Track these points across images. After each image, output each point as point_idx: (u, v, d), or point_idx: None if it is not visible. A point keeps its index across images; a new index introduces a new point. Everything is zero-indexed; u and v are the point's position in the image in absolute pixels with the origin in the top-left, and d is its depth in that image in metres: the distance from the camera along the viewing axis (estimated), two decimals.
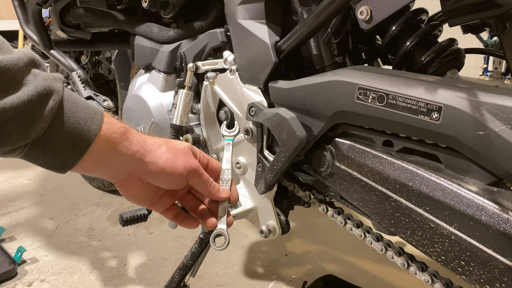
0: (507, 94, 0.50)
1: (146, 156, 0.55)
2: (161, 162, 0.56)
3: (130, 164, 0.55)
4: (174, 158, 0.58)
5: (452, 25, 0.66)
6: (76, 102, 0.49)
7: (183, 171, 0.58)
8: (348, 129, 0.67)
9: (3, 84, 0.42)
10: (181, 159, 0.58)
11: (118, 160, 0.54)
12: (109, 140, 0.52)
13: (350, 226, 0.72)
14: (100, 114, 0.51)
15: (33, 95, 0.44)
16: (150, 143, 0.57)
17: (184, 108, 0.89)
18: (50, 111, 0.45)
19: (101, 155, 0.51)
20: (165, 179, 0.58)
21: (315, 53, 0.78)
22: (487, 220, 0.50)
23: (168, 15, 0.98)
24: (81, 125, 0.49)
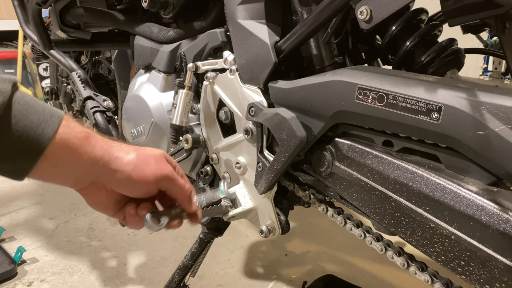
0: (507, 94, 0.50)
1: (112, 163, 0.52)
2: (128, 169, 0.53)
3: (93, 171, 0.52)
4: (143, 165, 0.54)
5: (452, 25, 0.66)
6: (29, 105, 0.46)
7: (152, 178, 0.55)
8: (348, 129, 0.67)
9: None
10: (152, 166, 0.55)
11: (79, 166, 0.50)
12: (67, 144, 0.48)
13: (350, 226, 0.72)
14: (58, 117, 0.48)
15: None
16: (116, 149, 0.54)
17: (184, 108, 0.89)
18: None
19: (59, 161, 0.49)
20: (133, 187, 0.55)
21: (315, 53, 0.78)
22: (487, 220, 0.50)
23: (168, 15, 0.98)
24: (33, 129, 0.46)
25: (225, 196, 0.85)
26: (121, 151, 0.54)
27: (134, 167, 0.53)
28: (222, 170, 0.91)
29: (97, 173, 0.52)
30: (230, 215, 0.85)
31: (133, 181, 0.54)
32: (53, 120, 0.48)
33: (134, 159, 0.54)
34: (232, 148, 0.86)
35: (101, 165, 0.52)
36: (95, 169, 0.52)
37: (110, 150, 0.53)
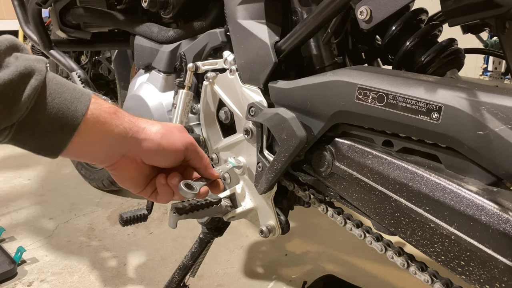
0: (507, 94, 0.50)
1: (141, 133, 0.55)
2: (157, 138, 0.55)
3: (123, 143, 0.54)
4: (170, 134, 0.57)
5: (452, 25, 0.66)
6: (61, 84, 0.49)
7: (181, 146, 0.57)
8: (348, 129, 0.67)
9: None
10: (177, 134, 0.58)
11: (110, 139, 0.52)
12: (98, 119, 0.50)
13: (350, 226, 0.72)
14: (87, 95, 0.50)
15: (15, 75, 0.43)
16: (142, 122, 0.56)
17: (184, 108, 0.89)
18: (33, 90, 0.45)
19: (91, 135, 0.50)
20: (163, 155, 0.57)
21: (315, 53, 0.78)
22: (487, 220, 0.50)
23: (168, 15, 0.98)
24: (67, 106, 0.48)
25: (236, 165, 0.84)
26: (147, 123, 0.56)
27: (162, 136, 0.56)
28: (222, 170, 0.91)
29: (127, 144, 0.54)
30: (230, 215, 0.85)
31: (163, 148, 0.56)
32: (84, 97, 0.50)
33: (161, 129, 0.56)
34: (232, 148, 0.86)
35: (131, 136, 0.54)
36: (125, 141, 0.54)
37: (137, 122, 0.55)
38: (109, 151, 0.54)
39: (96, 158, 0.54)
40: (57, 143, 0.49)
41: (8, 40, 0.45)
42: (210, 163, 0.64)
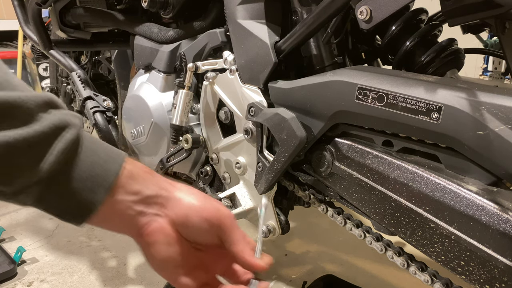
0: (507, 94, 0.50)
1: (175, 191, 0.50)
2: (190, 197, 0.50)
3: (157, 200, 0.49)
4: (204, 197, 0.51)
5: (452, 25, 0.66)
6: (94, 141, 0.46)
7: (214, 213, 0.50)
8: (348, 129, 0.67)
9: (19, 118, 0.40)
10: (212, 201, 0.52)
11: (144, 196, 0.48)
12: (132, 176, 0.47)
13: (350, 226, 0.72)
14: (122, 154, 0.47)
15: (49, 127, 0.41)
16: (177, 183, 0.51)
17: (184, 108, 0.89)
18: (65, 144, 0.42)
19: (124, 192, 0.46)
20: (195, 217, 0.49)
21: (315, 53, 0.78)
22: (487, 220, 0.50)
23: (168, 15, 0.98)
24: (101, 164, 0.45)
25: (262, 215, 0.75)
26: (182, 185, 0.52)
27: (196, 196, 0.51)
28: (222, 170, 0.92)
29: (161, 201, 0.49)
30: None
31: (196, 209, 0.50)
32: (119, 157, 0.47)
33: (195, 191, 0.52)
34: (232, 148, 0.86)
35: (165, 195, 0.49)
36: (158, 199, 0.49)
37: (172, 183, 0.51)
38: (141, 211, 0.48)
39: (126, 222, 0.49)
40: (87, 205, 0.45)
41: (45, 96, 0.43)
42: (250, 249, 0.53)
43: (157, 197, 0.49)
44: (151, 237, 0.49)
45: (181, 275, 0.51)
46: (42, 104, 0.42)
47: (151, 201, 0.48)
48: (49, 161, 0.41)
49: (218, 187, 0.96)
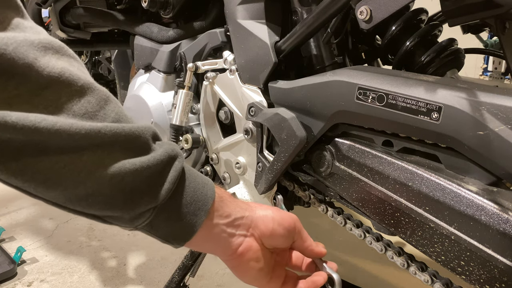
0: (507, 94, 0.50)
1: (256, 210, 0.56)
2: (269, 211, 0.56)
3: (244, 219, 0.54)
4: (277, 210, 0.58)
5: (452, 25, 0.66)
6: (191, 169, 0.51)
7: (291, 221, 0.58)
8: (348, 129, 0.67)
9: (140, 147, 0.44)
10: (283, 211, 0.59)
11: (233, 218, 0.53)
12: (222, 200, 0.52)
13: (350, 226, 0.72)
14: (211, 180, 0.53)
15: (164, 156, 0.45)
16: (252, 203, 0.58)
17: (183, 108, 0.89)
18: (177, 172, 0.46)
19: (217, 215, 0.51)
20: (277, 231, 0.56)
21: (315, 53, 0.78)
22: (487, 220, 0.50)
23: (168, 15, 0.98)
24: (200, 190, 0.49)
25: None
26: (256, 204, 0.58)
27: (272, 210, 0.57)
28: (222, 170, 0.92)
29: (245, 221, 0.54)
30: None
31: (278, 221, 0.56)
32: (210, 182, 0.52)
33: (268, 207, 0.58)
34: (232, 148, 0.86)
35: (248, 215, 0.55)
36: (244, 219, 0.54)
37: (248, 203, 0.57)
38: (232, 232, 0.53)
39: (221, 244, 0.53)
40: (190, 228, 0.49)
41: (152, 128, 0.47)
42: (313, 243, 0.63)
43: (243, 218, 0.54)
44: (244, 257, 0.54)
45: (269, 278, 0.58)
46: (153, 135, 0.46)
47: (239, 222, 0.54)
48: (165, 188, 0.45)
49: None
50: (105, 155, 0.41)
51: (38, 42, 0.38)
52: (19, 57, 0.36)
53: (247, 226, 0.54)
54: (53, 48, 0.39)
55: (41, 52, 0.38)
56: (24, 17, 0.40)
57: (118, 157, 0.41)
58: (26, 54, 0.36)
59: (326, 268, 0.64)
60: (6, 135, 0.36)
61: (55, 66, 0.38)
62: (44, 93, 0.37)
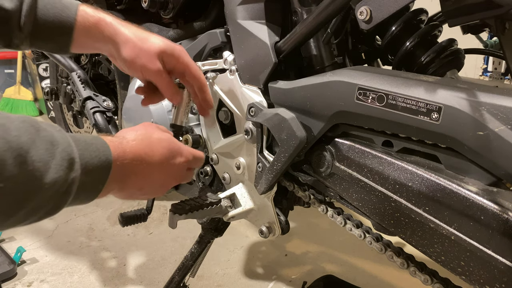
0: (506, 95, 0.50)
1: (116, 37, 0.67)
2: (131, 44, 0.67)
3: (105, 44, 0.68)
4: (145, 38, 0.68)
5: (452, 25, 0.66)
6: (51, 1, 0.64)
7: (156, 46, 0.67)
8: (348, 130, 0.67)
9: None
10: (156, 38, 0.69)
11: (95, 41, 0.68)
12: (84, 26, 0.65)
13: (350, 226, 0.72)
14: (75, 3, 0.65)
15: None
16: (122, 30, 0.68)
17: (184, 108, 0.89)
18: (29, 6, 0.61)
19: (83, 37, 0.66)
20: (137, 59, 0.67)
21: (315, 53, 0.78)
22: (487, 221, 0.50)
23: (168, 15, 0.98)
24: (60, 14, 0.63)
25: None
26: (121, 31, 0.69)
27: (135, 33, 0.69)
28: (222, 170, 0.91)
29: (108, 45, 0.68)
30: (230, 215, 0.85)
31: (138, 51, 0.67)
32: (73, 5, 0.65)
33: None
34: (232, 148, 0.86)
35: (108, 39, 0.67)
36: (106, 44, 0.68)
37: (117, 31, 0.68)
38: (98, 47, 0.69)
39: (98, 50, 0.70)
40: (63, 45, 0.66)
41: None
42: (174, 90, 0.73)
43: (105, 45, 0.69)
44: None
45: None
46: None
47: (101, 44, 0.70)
48: (26, 25, 0.62)
49: (218, 187, 0.96)
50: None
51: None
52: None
53: (112, 48, 0.68)
54: None
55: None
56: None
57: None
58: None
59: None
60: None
61: None
62: None
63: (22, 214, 0.43)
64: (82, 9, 0.66)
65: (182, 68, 0.71)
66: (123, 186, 0.57)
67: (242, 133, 0.81)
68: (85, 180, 0.49)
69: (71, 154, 0.47)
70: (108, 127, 1.21)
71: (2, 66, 3.51)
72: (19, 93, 3.33)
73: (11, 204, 0.41)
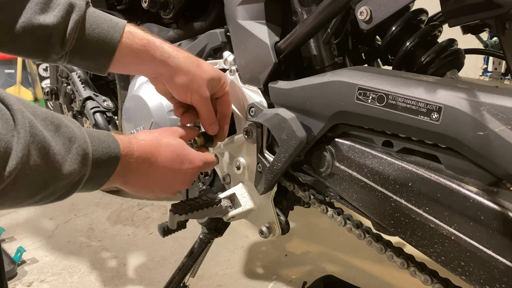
0: (506, 95, 0.50)
1: (169, 61, 0.67)
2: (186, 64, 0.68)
3: (154, 67, 0.67)
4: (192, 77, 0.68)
5: (452, 25, 0.66)
6: (99, 16, 0.63)
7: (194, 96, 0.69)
8: (348, 130, 0.67)
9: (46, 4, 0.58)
10: (199, 80, 0.69)
11: (142, 64, 0.67)
12: (131, 48, 0.64)
13: (350, 226, 0.72)
14: (122, 24, 0.65)
15: (63, 11, 0.58)
16: (174, 55, 0.68)
17: None
18: (76, 23, 0.60)
19: (126, 59, 0.65)
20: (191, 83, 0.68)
21: (315, 53, 0.78)
22: (487, 221, 0.50)
23: (168, 15, 0.98)
24: (105, 34, 0.62)
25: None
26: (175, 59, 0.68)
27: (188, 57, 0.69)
28: (222, 170, 0.91)
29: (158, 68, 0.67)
30: (230, 215, 0.85)
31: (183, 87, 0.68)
32: (119, 26, 0.64)
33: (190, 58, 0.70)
34: (232, 148, 0.86)
35: (159, 62, 0.67)
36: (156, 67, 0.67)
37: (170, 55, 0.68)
38: (143, 70, 0.68)
39: (138, 71, 0.70)
40: (103, 64, 0.64)
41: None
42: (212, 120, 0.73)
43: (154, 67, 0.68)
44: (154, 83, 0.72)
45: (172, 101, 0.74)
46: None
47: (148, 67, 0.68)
48: (68, 38, 0.60)
49: (218, 187, 0.96)
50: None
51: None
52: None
53: (160, 73, 0.68)
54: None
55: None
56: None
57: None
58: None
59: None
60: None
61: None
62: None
63: (39, 197, 0.48)
64: (128, 30, 0.65)
65: (221, 94, 0.74)
66: (126, 181, 0.60)
67: (242, 133, 0.81)
68: (93, 173, 0.54)
69: (85, 149, 0.51)
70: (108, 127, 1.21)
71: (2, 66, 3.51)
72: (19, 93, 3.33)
73: (33, 189, 0.46)
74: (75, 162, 0.50)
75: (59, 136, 0.48)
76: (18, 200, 0.46)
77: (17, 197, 0.45)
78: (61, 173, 0.48)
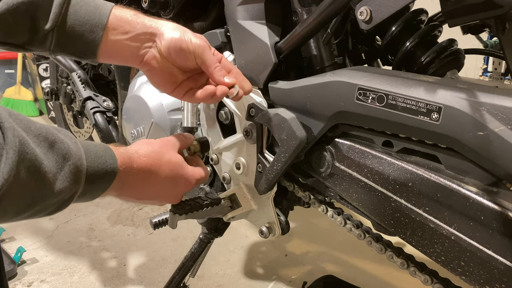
0: (506, 95, 0.50)
1: (160, 27, 0.65)
2: (172, 32, 0.65)
3: (146, 37, 0.65)
4: (183, 31, 0.65)
5: (452, 25, 0.66)
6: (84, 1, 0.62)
7: (188, 43, 0.64)
8: (348, 130, 0.67)
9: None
10: (188, 33, 0.66)
11: (134, 34, 0.64)
12: (121, 19, 0.63)
13: (350, 226, 0.72)
14: (108, 5, 0.63)
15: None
16: (162, 20, 0.66)
17: (192, 109, 0.89)
18: (59, 6, 0.59)
19: (118, 31, 0.63)
20: (174, 50, 0.65)
21: (315, 53, 0.78)
22: (487, 221, 0.50)
23: (168, 15, 0.98)
24: (93, 12, 0.61)
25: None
26: (166, 22, 0.67)
27: (176, 30, 0.65)
28: (222, 170, 0.92)
29: (150, 36, 0.65)
30: (230, 215, 0.85)
31: (175, 41, 0.64)
32: (107, 5, 0.63)
33: (177, 26, 0.66)
34: (232, 148, 0.86)
35: (152, 32, 0.65)
36: (147, 35, 0.65)
37: (156, 20, 0.66)
38: (134, 48, 0.65)
39: (128, 56, 0.65)
40: (92, 43, 0.61)
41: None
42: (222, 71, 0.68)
43: (146, 34, 0.65)
44: (150, 64, 0.66)
45: (174, 88, 0.69)
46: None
47: (142, 37, 0.64)
48: (52, 16, 0.58)
49: (218, 187, 0.96)
50: None
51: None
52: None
53: (151, 40, 0.65)
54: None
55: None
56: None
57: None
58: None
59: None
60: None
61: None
62: None
63: (27, 214, 0.47)
64: (116, 6, 0.65)
65: (218, 60, 0.71)
66: (121, 193, 0.60)
67: (242, 133, 0.81)
68: (87, 189, 0.53)
69: (79, 167, 0.51)
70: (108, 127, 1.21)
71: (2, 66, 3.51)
72: (19, 93, 3.33)
73: (20, 207, 0.45)
74: (66, 180, 0.48)
75: (53, 153, 0.47)
76: (4, 218, 0.45)
77: (2, 216, 0.44)
78: (52, 191, 0.47)
